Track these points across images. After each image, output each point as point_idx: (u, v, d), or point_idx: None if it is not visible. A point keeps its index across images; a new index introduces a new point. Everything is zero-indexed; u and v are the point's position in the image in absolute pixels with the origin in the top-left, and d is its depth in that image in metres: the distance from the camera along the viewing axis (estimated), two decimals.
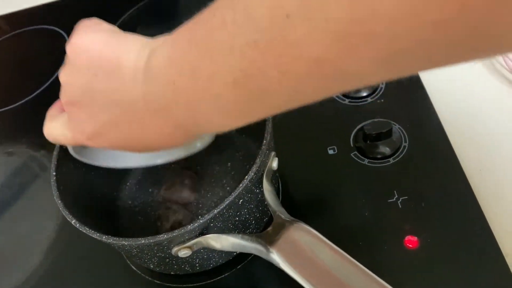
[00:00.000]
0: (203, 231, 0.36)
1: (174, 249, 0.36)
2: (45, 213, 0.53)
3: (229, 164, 0.50)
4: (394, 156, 0.47)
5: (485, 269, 0.39)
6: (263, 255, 0.34)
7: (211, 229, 0.37)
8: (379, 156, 0.47)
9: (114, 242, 0.36)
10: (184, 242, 0.36)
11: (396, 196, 0.44)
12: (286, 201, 0.46)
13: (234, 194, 0.35)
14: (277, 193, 0.47)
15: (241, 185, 0.36)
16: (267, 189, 0.38)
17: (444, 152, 0.46)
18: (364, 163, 0.47)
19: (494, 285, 0.38)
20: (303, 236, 0.33)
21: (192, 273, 0.44)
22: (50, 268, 0.49)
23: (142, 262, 0.43)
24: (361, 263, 0.42)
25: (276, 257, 0.32)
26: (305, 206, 0.46)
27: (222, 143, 0.52)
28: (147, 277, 0.46)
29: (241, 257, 0.44)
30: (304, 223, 0.34)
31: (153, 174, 0.52)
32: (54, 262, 0.49)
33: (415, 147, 0.47)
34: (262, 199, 0.41)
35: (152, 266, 0.43)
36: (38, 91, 0.68)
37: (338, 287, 0.30)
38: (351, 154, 0.48)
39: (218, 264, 0.43)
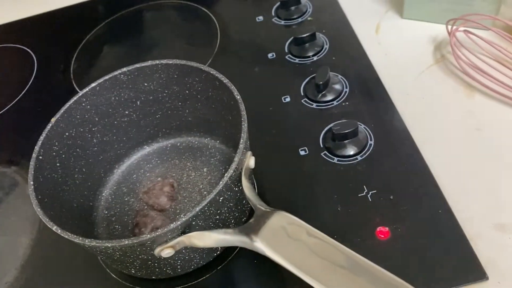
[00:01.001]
0: (185, 230, 0.37)
1: (157, 249, 0.37)
2: (19, 229, 0.52)
3: (205, 169, 0.52)
4: (361, 154, 0.50)
5: (450, 251, 0.41)
6: (248, 246, 0.35)
7: (193, 228, 0.38)
8: (347, 154, 0.50)
9: (97, 245, 0.36)
10: (166, 241, 0.37)
11: (366, 191, 0.47)
12: (262, 201, 0.48)
13: (215, 192, 0.37)
14: (251, 210, 0.48)
15: (221, 182, 0.37)
16: (246, 185, 0.39)
17: (407, 147, 0.49)
18: (333, 161, 0.50)
19: (460, 268, 0.41)
20: (285, 223, 0.35)
21: (173, 276, 0.44)
22: (26, 284, 0.48)
23: (123, 267, 0.43)
24: None
25: (260, 246, 0.34)
26: (280, 205, 0.48)
27: (197, 150, 0.54)
28: (127, 284, 0.46)
29: (221, 258, 0.45)
30: (285, 211, 0.36)
31: (128, 183, 0.52)
32: (29, 278, 0.48)
33: (381, 144, 0.50)
34: (241, 198, 0.43)
35: (133, 271, 0.43)
36: (4, 110, 0.67)
37: (324, 268, 0.32)
38: (321, 154, 0.51)
39: (199, 265, 0.44)
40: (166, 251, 0.37)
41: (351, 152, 0.50)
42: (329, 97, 0.55)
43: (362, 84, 0.56)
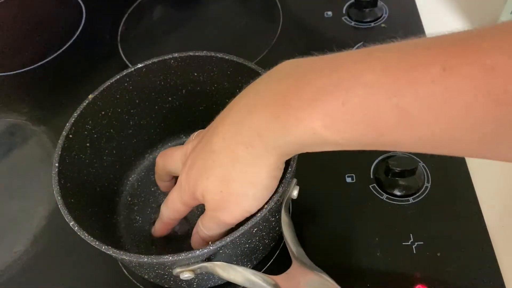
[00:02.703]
0: (211, 257, 0.34)
1: (177, 270, 0.34)
2: (38, 197, 0.50)
3: None
4: (414, 196, 0.45)
5: None
6: None
7: (219, 255, 0.34)
8: (398, 193, 0.45)
9: (114, 254, 0.33)
10: (188, 265, 0.34)
11: (412, 240, 0.42)
12: (295, 226, 0.44)
13: (250, 224, 0.33)
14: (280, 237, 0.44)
15: (259, 214, 0.33)
16: (285, 221, 0.35)
17: (467, 201, 0.44)
18: (382, 198, 0.45)
19: None
20: None
21: None
22: (36, 257, 0.46)
23: (138, 272, 0.40)
24: None
25: None
26: (314, 234, 0.44)
27: None
28: (138, 283, 0.43)
29: None
30: (326, 275, 0.32)
31: None
32: (41, 251, 0.46)
33: (438, 190, 0.45)
34: (274, 226, 0.39)
35: (147, 277, 0.40)
36: (43, 62, 0.64)
37: None
38: (370, 186, 0.46)
39: (216, 284, 0.41)
40: (185, 274, 0.34)
41: (404, 192, 0.45)
42: None
43: None
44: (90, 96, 0.42)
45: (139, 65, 0.43)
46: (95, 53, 0.64)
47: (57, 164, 0.38)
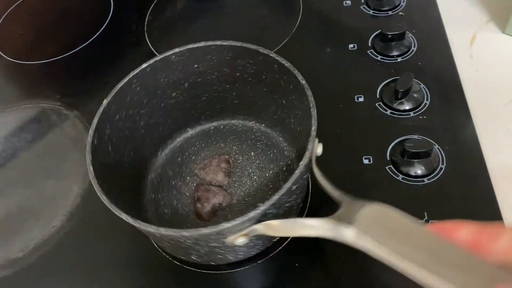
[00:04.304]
0: (260, 218, 0.36)
1: (231, 237, 0.36)
2: (72, 176, 0.53)
3: (252, 153, 0.51)
4: (429, 177, 0.46)
5: None
6: (339, 237, 0.31)
7: (266, 216, 0.36)
8: (414, 174, 0.47)
9: (174, 234, 0.34)
10: (241, 230, 0.36)
11: (426, 218, 0.44)
12: (312, 203, 0.47)
13: (291, 180, 0.35)
14: (306, 196, 0.47)
15: (297, 171, 0.35)
16: (318, 174, 0.38)
17: (480, 182, 0.45)
18: (398, 178, 0.47)
19: None
20: (383, 214, 0.30)
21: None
22: (71, 233, 0.49)
23: (184, 254, 0.42)
24: (377, 282, 0.42)
25: (357, 236, 0.29)
26: (332, 212, 0.46)
27: (241, 133, 0.52)
28: (167, 256, 0.46)
29: (262, 254, 0.44)
30: (381, 203, 0.31)
31: (174, 166, 0.51)
32: (75, 228, 0.50)
33: (452, 171, 0.46)
34: (303, 186, 0.42)
35: (194, 258, 0.42)
36: (72, 51, 0.67)
37: (435, 260, 0.26)
38: (386, 167, 0.48)
39: (259, 251, 0.43)
40: (240, 240, 0.36)
41: (419, 173, 0.47)
42: (406, 106, 0.52)
43: (444, 99, 0.52)
44: (105, 102, 0.42)
45: (143, 66, 0.44)
46: (123, 42, 0.67)
47: (91, 168, 0.39)
